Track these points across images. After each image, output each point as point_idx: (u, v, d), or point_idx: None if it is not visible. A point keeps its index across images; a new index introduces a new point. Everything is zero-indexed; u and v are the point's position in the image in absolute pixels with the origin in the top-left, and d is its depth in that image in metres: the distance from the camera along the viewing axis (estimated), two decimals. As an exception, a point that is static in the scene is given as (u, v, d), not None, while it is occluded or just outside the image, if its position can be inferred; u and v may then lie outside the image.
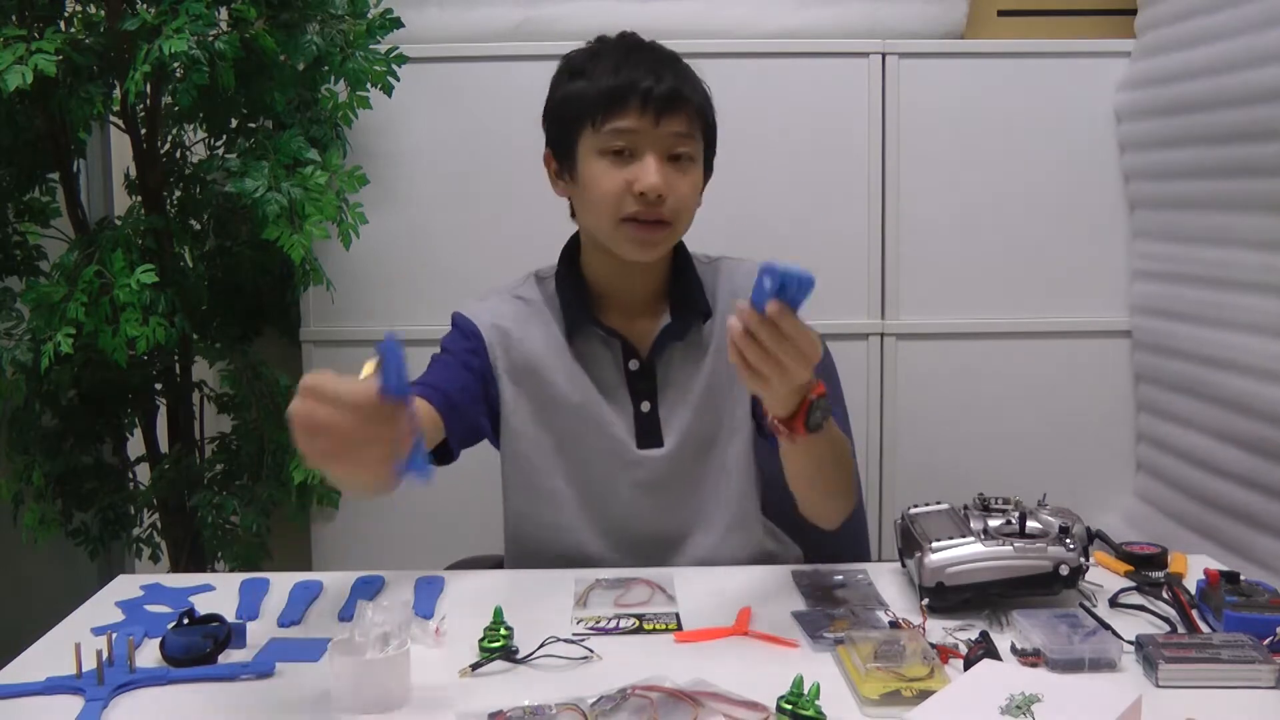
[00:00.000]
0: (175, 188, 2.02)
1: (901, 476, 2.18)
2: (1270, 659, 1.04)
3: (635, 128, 1.32)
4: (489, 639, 1.12)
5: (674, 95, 1.33)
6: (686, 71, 1.38)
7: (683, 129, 1.34)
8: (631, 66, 1.34)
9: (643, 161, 1.32)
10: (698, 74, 1.42)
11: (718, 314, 1.44)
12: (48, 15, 1.78)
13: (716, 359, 1.43)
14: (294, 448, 1.57)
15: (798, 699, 0.95)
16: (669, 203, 1.33)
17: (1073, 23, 2.26)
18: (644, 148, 1.33)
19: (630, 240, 1.36)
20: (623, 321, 1.43)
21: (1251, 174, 1.72)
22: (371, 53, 1.89)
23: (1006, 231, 2.14)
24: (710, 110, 1.40)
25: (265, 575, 1.37)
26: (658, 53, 1.39)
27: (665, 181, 1.32)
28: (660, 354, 1.43)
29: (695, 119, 1.36)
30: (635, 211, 1.33)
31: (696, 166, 1.37)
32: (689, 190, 1.36)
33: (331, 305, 2.11)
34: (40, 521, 1.94)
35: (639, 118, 1.32)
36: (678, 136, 1.34)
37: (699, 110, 1.36)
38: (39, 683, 1.04)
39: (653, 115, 1.32)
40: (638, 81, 1.32)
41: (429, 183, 2.12)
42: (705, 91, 1.40)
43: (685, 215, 1.37)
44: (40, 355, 1.69)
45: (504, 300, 1.48)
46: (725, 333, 1.36)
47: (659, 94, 1.32)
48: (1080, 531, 1.27)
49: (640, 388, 1.42)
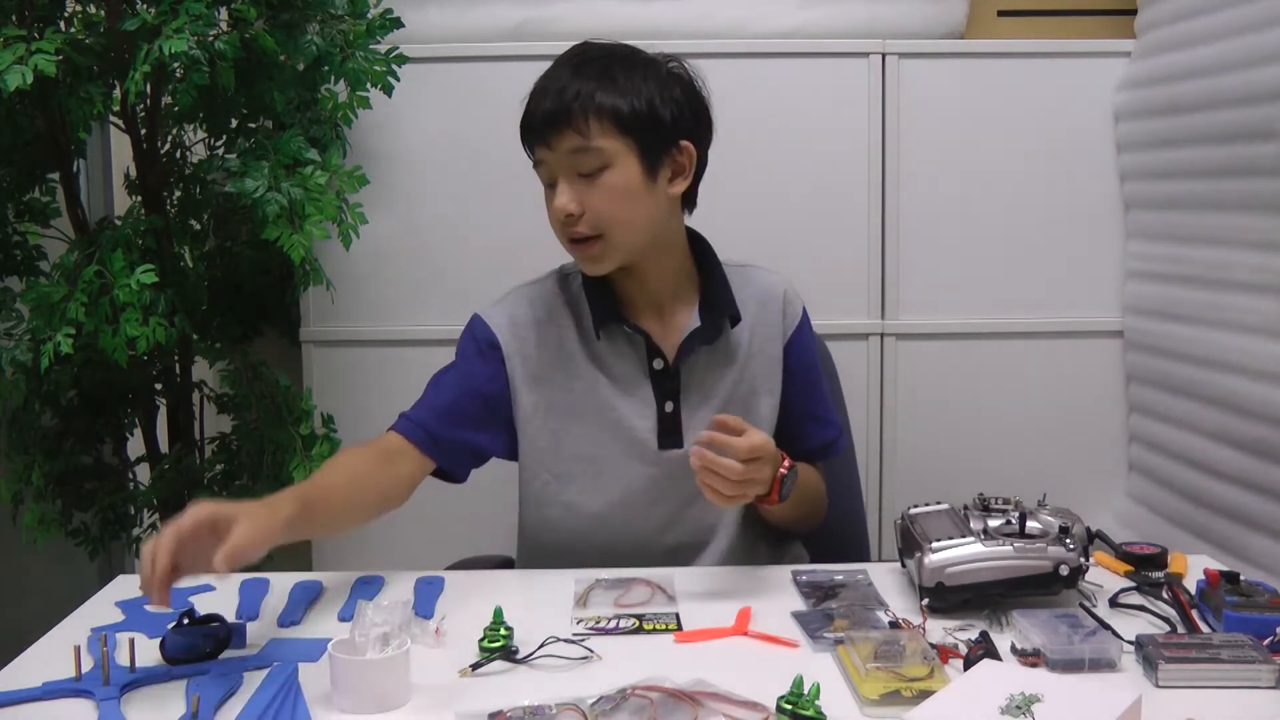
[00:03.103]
0: (175, 188, 2.02)
1: (901, 476, 2.18)
2: (1270, 659, 1.04)
3: (541, 157, 1.37)
4: (489, 639, 1.12)
5: (553, 116, 1.33)
6: (593, 76, 1.34)
7: (576, 144, 1.32)
8: (537, 95, 1.37)
9: (557, 187, 1.35)
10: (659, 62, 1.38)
11: (746, 325, 1.46)
12: (48, 15, 1.78)
13: (743, 366, 1.45)
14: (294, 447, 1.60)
15: (798, 699, 0.95)
16: (586, 219, 1.34)
17: (1073, 23, 2.26)
18: (555, 172, 1.36)
19: (577, 258, 1.41)
20: (650, 321, 1.44)
21: (1249, 174, 1.72)
22: (371, 53, 1.89)
23: (1007, 232, 2.14)
24: (630, 104, 1.33)
25: (265, 575, 1.37)
26: (571, 64, 1.36)
27: (573, 200, 1.34)
28: (686, 357, 1.43)
29: (591, 125, 1.32)
30: (564, 233, 1.38)
31: (615, 170, 1.33)
32: (604, 200, 1.33)
33: (331, 305, 2.11)
34: (40, 521, 1.94)
35: (539, 147, 1.36)
36: (574, 153, 1.33)
37: (599, 113, 1.32)
38: (38, 688, 1.04)
39: (544, 142, 1.35)
40: (531, 111, 1.36)
41: (429, 183, 2.12)
42: (628, 85, 1.33)
43: (615, 225, 1.35)
44: (40, 355, 1.68)
45: (523, 301, 1.48)
46: (752, 339, 1.45)
47: (539, 121, 1.34)
48: (1080, 531, 1.27)
49: (665, 388, 1.43)
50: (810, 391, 1.50)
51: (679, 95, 1.37)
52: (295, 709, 1.00)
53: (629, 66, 1.36)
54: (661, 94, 1.35)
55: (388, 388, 2.14)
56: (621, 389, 1.43)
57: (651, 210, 1.37)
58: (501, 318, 1.46)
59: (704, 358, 1.44)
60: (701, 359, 1.44)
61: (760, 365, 1.46)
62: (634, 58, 1.38)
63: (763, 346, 1.47)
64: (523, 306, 1.47)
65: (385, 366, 2.14)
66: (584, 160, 1.33)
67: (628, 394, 1.43)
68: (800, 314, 1.51)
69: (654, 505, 1.44)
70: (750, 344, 1.46)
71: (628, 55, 1.38)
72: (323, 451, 2.01)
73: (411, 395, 2.13)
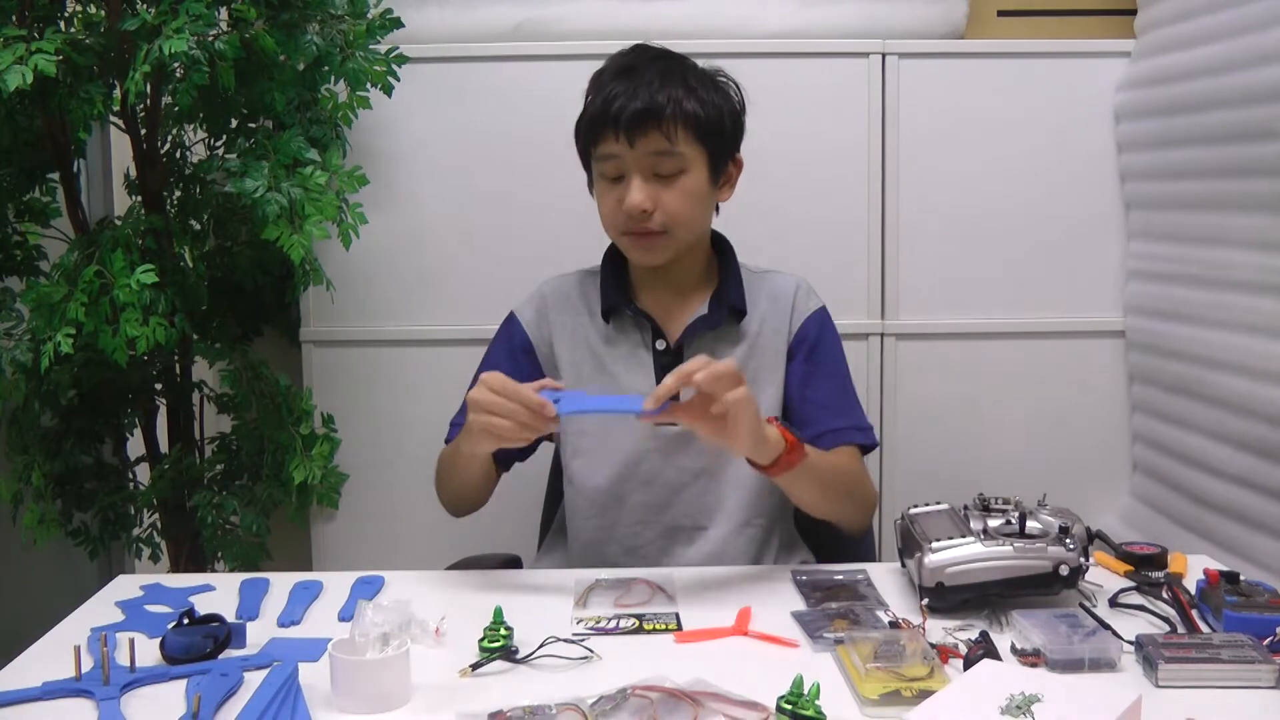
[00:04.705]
0: (175, 188, 2.02)
1: (901, 476, 2.18)
2: (1270, 659, 1.04)
3: (616, 152, 1.42)
4: (489, 639, 1.12)
5: (644, 116, 1.39)
6: (678, 81, 1.42)
7: (660, 147, 1.40)
8: (617, 88, 1.41)
9: (629, 182, 1.41)
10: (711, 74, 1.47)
11: (754, 317, 1.51)
12: (48, 15, 1.78)
13: (748, 353, 1.50)
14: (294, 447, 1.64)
15: (798, 699, 0.95)
16: (656, 217, 1.42)
17: (1073, 23, 2.26)
18: (628, 169, 1.42)
19: (631, 249, 1.48)
20: (658, 308, 1.52)
21: (1249, 174, 1.72)
22: (371, 53, 1.89)
23: (1008, 232, 2.14)
24: (708, 114, 1.43)
25: (265, 575, 1.37)
26: (654, 67, 1.43)
27: (649, 198, 1.41)
28: (690, 339, 1.49)
29: (679, 131, 1.40)
30: (629, 226, 1.43)
31: (690, 175, 1.43)
32: (678, 201, 1.43)
33: (331, 305, 2.11)
34: (40, 521, 1.94)
35: (616, 143, 1.41)
36: (656, 156, 1.41)
37: (686, 120, 1.40)
38: (38, 688, 1.04)
39: (626, 139, 1.40)
40: (611, 106, 1.40)
41: (429, 183, 2.12)
42: (705, 96, 1.43)
43: (681, 222, 1.44)
44: (40, 355, 1.68)
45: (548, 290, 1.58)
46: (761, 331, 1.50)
47: (628, 118, 1.39)
48: (1080, 531, 1.27)
49: (666, 366, 1.47)
50: (813, 379, 1.51)
51: (734, 109, 1.48)
52: (295, 709, 1.00)
53: (700, 76, 1.45)
54: (725, 105, 1.46)
55: (388, 388, 2.14)
56: (624, 366, 1.51)
57: (709, 213, 1.50)
58: (530, 313, 1.57)
59: (709, 342, 1.49)
60: (706, 342, 1.49)
61: (765, 354, 1.51)
62: (698, 67, 1.47)
63: (770, 338, 1.51)
64: (548, 296, 1.58)
65: (385, 366, 2.14)
66: (664, 162, 1.41)
67: (629, 371, 1.50)
68: (812, 308, 1.54)
69: (651, 481, 1.49)
70: (758, 335, 1.51)
71: (693, 64, 1.47)
72: (323, 451, 2.01)
73: (412, 395, 2.14)
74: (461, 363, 2.11)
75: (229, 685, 1.04)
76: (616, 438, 1.49)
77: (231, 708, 1.00)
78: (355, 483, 2.14)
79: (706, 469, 1.49)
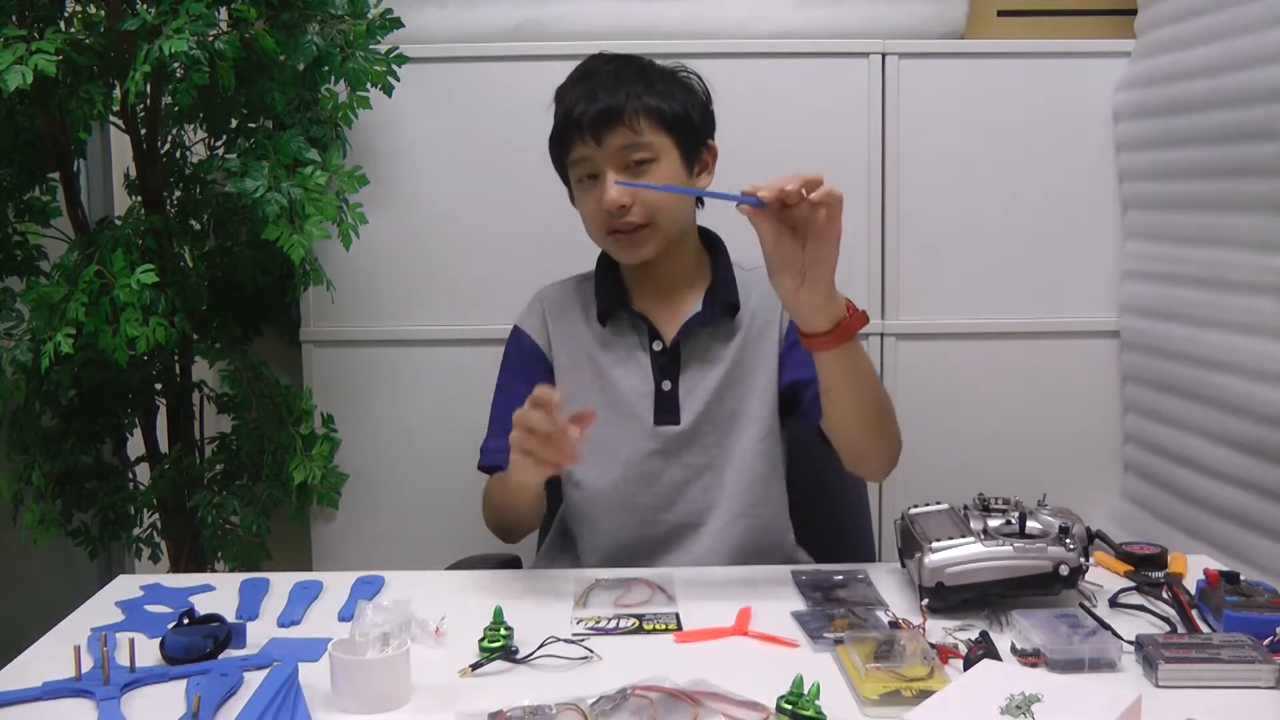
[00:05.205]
0: (175, 188, 2.02)
1: (901, 476, 2.17)
2: (1270, 659, 1.04)
3: (586, 154, 1.45)
4: (489, 639, 1.12)
5: (606, 114, 1.43)
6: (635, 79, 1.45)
7: (627, 140, 1.44)
8: (577, 94, 1.45)
9: (603, 180, 1.44)
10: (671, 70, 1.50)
11: (746, 311, 1.53)
12: (48, 15, 1.77)
13: (742, 346, 1.52)
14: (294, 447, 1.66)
15: (798, 699, 0.95)
16: (636, 209, 1.45)
17: (1073, 23, 2.26)
18: (599, 168, 1.45)
19: (618, 249, 1.50)
20: (655, 309, 1.54)
21: (1248, 174, 1.72)
22: (371, 53, 1.89)
23: (1008, 232, 2.14)
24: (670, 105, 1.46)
25: (265, 575, 1.37)
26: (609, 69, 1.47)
27: (625, 193, 1.43)
28: (686, 339, 1.51)
29: (642, 123, 1.44)
30: (612, 224, 1.46)
31: (662, 163, 1.46)
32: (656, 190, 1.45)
33: (331, 305, 2.11)
34: (40, 521, 1.94)
35: (583, 145, 1.45)
36: (625, 150, 1.44)
37: (648, 113, 1.44)
38: (38, 688, 1.04)
39: (594, 139, 1.43)
40: (574, 111, 1.44)
41: (429, 183, 2.12)
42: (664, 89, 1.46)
43: (662, 212, 1.46)
44: (40, 355, 1.68)
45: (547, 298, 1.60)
46: (753, 324, 1.51)
47: (591, 119, 1.43)
48: (1080, 531, 1.27)
49: (663, 367, 1.51)
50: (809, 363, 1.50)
51: (700, 100, 1.52)
52: (295, 709, 1.00)
53: (658, 73, 1.49)
54: (689, 98, 1.50)
55: (388, 388, 2.14)
56: (622, 369, 1.52)
57: (690, 202, 1.53)
58: (534, 320, 1.59)
59: (704, 339, 1.51)
60: (702, 340, 1.51)
61: (759, 346, 1.52)
62: (656, 65, 1.51)
63: (763, 330, 1.53)
64: (547, 302, 1.60)
65: (385, 366, 2.14)
66: (635, 155, 1.44)
67: (628, 373, 1.52)
68: None
69: (654, 481, 1.50)
70: (751, 327, 1.53)
71: (650, 63, 1.51)
72: (323, 451, 2.01)
73: (412, 395, 2.14)
74: (461, 363, 2.12)
75: (229, 685, 1.04)
76: (619, 440, 1.50)
77: (231, 708, 1.00)
78: (355, 483, 2.14)
79: (709, 466, 1.49)
